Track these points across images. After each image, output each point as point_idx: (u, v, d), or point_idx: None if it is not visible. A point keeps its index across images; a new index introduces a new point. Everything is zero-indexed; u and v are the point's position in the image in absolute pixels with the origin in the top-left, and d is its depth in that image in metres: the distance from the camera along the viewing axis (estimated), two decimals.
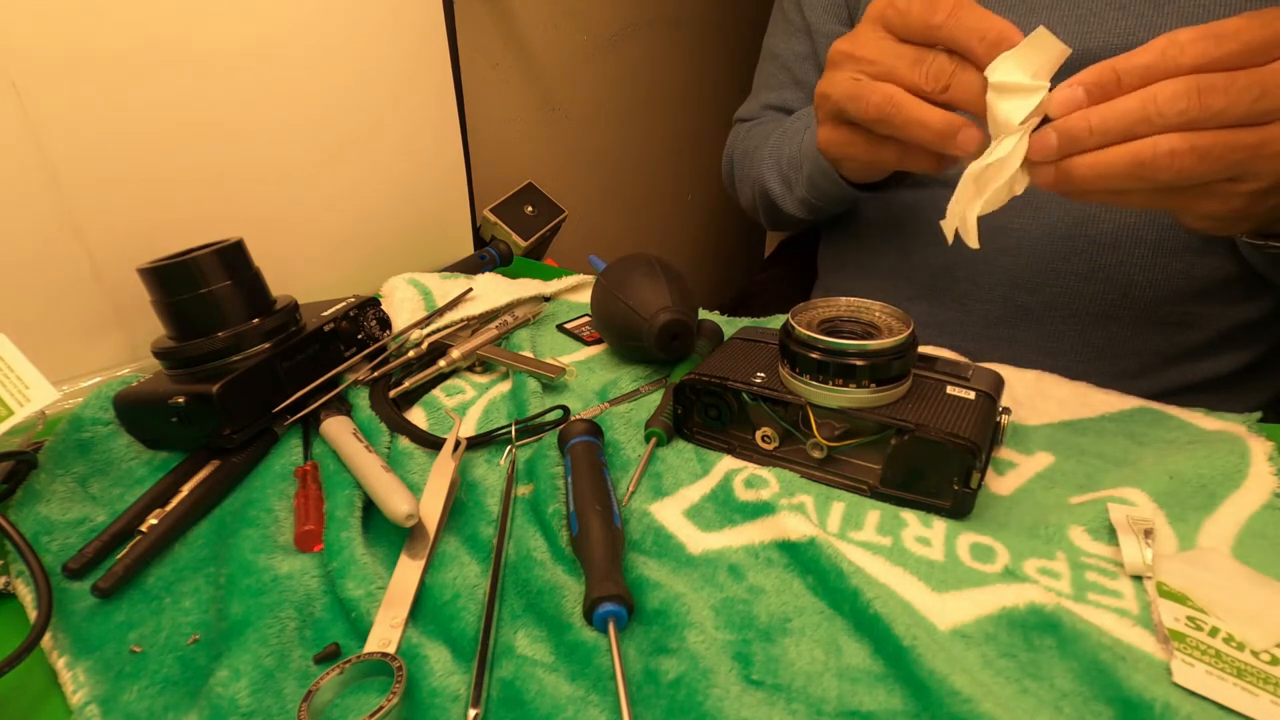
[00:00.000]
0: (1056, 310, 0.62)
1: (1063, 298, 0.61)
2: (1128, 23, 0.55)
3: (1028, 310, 0.63)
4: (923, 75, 0.42)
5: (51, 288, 0.55)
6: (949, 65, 0.41)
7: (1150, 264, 0.58)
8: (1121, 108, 0.37)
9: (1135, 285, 0.59)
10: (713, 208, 1.71)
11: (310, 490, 0.43)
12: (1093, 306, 0.61)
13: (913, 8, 0.42)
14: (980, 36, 0.39)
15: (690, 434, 0.48)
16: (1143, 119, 0.36)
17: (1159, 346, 0.61)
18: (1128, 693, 0.29)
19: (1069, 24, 0.57)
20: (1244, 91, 0.35)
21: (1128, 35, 0.55)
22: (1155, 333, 0.61)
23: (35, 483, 0.43)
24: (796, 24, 0.75)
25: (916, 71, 0.42)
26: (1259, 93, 0.35)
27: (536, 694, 0.31)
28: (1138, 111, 0.36)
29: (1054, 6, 0.58)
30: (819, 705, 0.31)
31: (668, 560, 0.39)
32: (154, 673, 0.34)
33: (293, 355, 0.51)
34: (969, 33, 0.40)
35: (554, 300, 0.71)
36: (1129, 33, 0.55)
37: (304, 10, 0.62)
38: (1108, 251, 0.59)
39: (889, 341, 0.40)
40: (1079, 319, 0.62)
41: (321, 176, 0.67)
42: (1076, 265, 0.60)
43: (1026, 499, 0.42)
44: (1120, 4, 0.55)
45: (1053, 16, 0.58)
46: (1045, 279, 0.61)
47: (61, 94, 0.52)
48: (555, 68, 1.22)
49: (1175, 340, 0.61)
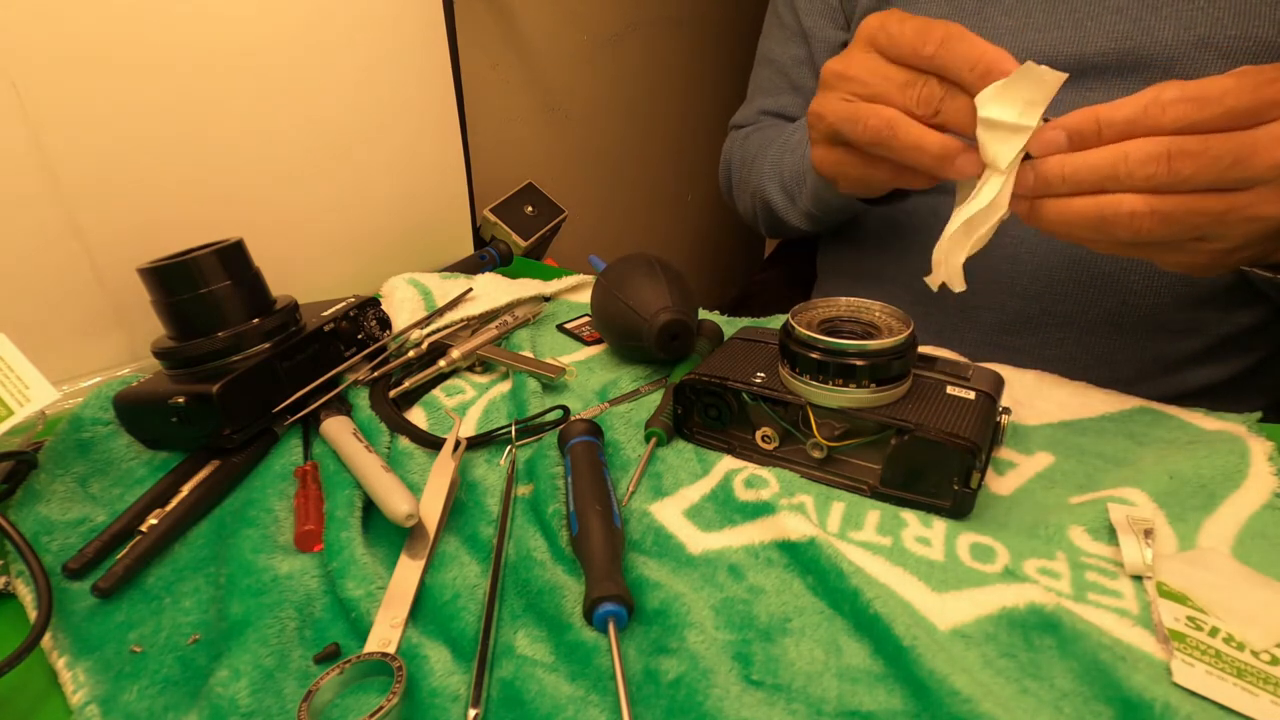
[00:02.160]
0: (1055, 318, 0.62)
1: (1062, 305, 0.61)
2: (1124, 27, 0.55)
3: (1026, 318, 0.63)
4: (914, 100, 0.42)
5: (52, 288, 0.55)
6: (939, 91, 0.41)
7: (1150, 272, 0.58)
8: (1094, 160, 0.37)
9: (1134, 293, 0.59)
10: (713, 208, 1.71)
11: (310, 490, 0.43)
12: (1092, 314, 0.61)
13: (904, 34, 0.42)
14: (970, 66, 0.39)
15: (690, 434, 0.48)
16: (1111, 175, 0.37)
17: (1158, 353, 0.61)
18: (1128, 693, 0.29)
19: (1065, 28, 0.57)
20: (1216, 160, 0.35)
21: (1124, 39, 0.55)
22: (1154, 340, 0.60)
23: (35, 483, 0.43)
24: (792, 28, 0.75)
25: (907, 95, 0.42)
26: (1231, 160, 0.35)
27: (536, 694, 0.31)
28: (1108, 168, 0.37)
29: (1050, 10, 0.57)
30: (819, 705, 0.31)
31: (668, 560, 0.39)
32: (154, 673, 0.34)
33: (293, 355, 0.51)
34: (960, 61, 0.40)
35: (554, 300, 0.71)
36: (1125, 36, 0.55)
37: (304, 10, 0.62)
38: (1107, 260, 0.59)
39: (889, 341, 0.40)
40: (1078, 327, 0.61)
41: (321, 176, 0.67)
42: (1076, 273, 0.60)
43: (1026, 499, 0.42)
44: (1117, 7, 0.55)
45: (1049, 20, 0.57)
46: (1044, 287, 0.61)
47: (62, 94, 0.52)
48: (555, 68, 1.22)
49: (1174, 347, 0.61)
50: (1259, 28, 0.52)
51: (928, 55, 0.41)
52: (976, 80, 0.39)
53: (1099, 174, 0.37)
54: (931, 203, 0.65)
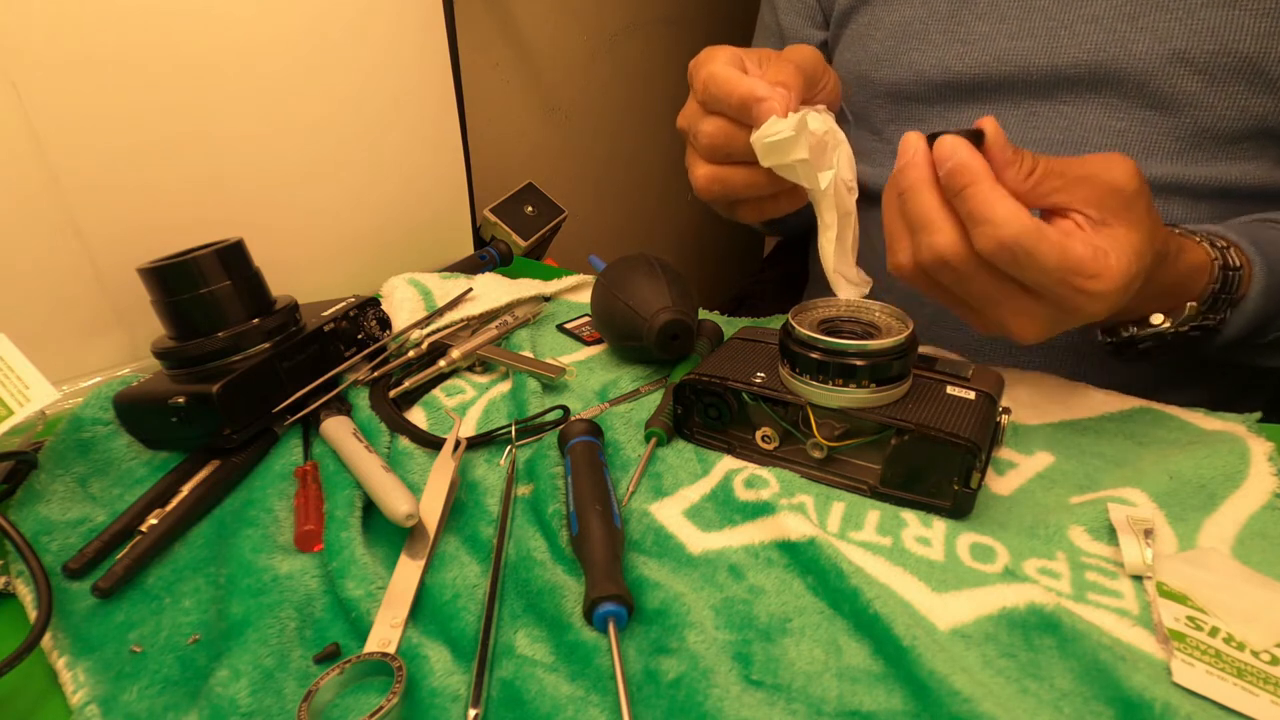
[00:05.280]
0: None
1: None
2: (1099, 37, 0.55)
3: (994, 340, 0.63)
4: (702, 149, 0.47)
5: (52, 288, 0.55)
6: (720, 132, 0.46)
7: None
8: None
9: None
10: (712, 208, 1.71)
11: (310, 490, 0.43)
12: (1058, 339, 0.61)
13: (692, 81, 0.47)
14: (729, 103, 0.44)
15: (690, 434, 0.48)
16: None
17: (1126, 379, 0.61)
18: (1128, 693, 0.29)
19: (1039, 36, 0.57)
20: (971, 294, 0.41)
21: (1097, 51, 0.55)
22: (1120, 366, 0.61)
23: (35, 483, 0.43)
24: (771, 28, 0.75)
25: (698, 142, 0.47)
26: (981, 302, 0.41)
27: (536, 694, 0.31)
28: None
29: (1024, 16, 0.57)
30: (819, 705, 0.31)
31: (668, 560, 0.39)
32: (154, 673, 0.34)
33: (293, 355, 0.51)
34: (721, 101, 0.44)
35: (554, 300, 0.71)
36: (1099, 48, 0.55)
37: (304, 11, 0.62)
38: None
39: (889, 341, 0.40)
40: (1046, 351, 0.61)
41: (322, 177, 0.67)
42: None
43: (1026, 499, 0.42)
44: (1093, 16, 0.55)
45: (1023, 27, 0.57)
46: None
47: (62, 95, 0.52)
48: (555, 68, 1.22)
49: (1141, 372, 0.60)
50: (1238, 42, 0.51)
51: (701, 101, 0.46)
52: (738, 115, 0.44)
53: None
54: None
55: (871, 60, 0.65)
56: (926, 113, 0.63)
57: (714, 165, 0.48)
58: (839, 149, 0.45)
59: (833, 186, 0.44)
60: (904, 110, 0.65)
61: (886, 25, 0.63)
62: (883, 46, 0.64)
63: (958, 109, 0.62)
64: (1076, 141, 0.57)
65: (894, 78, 0.64)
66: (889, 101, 0.65)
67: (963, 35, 0.59)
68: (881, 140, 0.67)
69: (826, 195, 0.44)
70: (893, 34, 0.63)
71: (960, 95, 0.61)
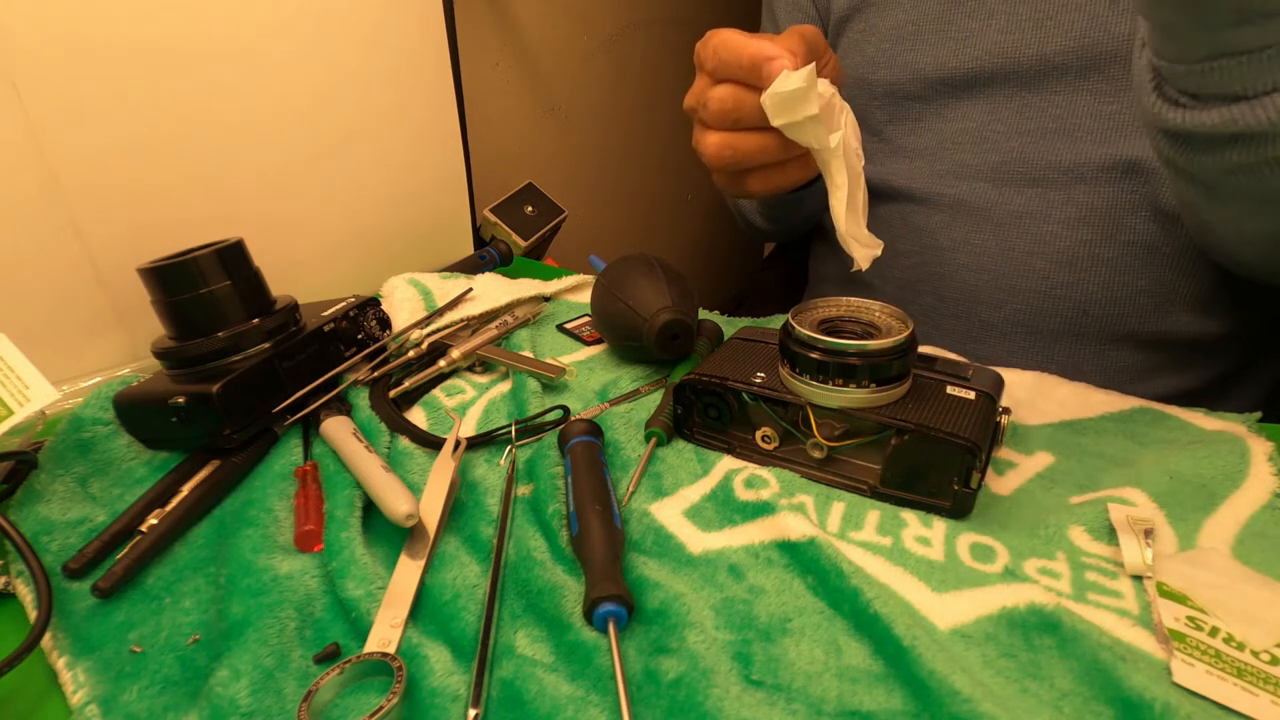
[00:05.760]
0: (1019, 327, 0.62)
1: (1024, 315, 0.61)
2: (1084, 24, 0.55)
3: (991, 326, 0.63)
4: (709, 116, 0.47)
5: (51, 288, 0.55)
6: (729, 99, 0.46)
7: (1109, 282, 0.58)
8: None
9: (1094, 303, 0.59)
10: (712, 208, 1.71)
11: (310, 490, 0.43)
12: (1053, 324, 0.61)
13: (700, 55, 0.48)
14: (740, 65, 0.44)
15: (690, 434, 0.48)
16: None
17: (1122, 364, 0.61)
18: (1128, 693, 0.29)
19: (1025, 27, 0.57)
20: None
21: (1082, 37, 0.55)
22: (1116, 350, 0.61)
23: (35, 483, 0.43)
24: (768, 28, 0.76)
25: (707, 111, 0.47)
26: None
27: (536, 694, 0.31)
28: None
29: (1012, 11, 0.58)
30: (819, 705, 0.31)
31: (668, 560, 0.39)
32: (154, 673, 0.34)
33: (293, 355, 0.51)
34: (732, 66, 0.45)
35: (554, 300, 0.71)
36: (1083, 34, 0.55)
37: (304, 11, 0.62)
38: (1064, 269, 0.59)
39: (889, 341, 0.40)
40: (1041, 336, 0.62)
41: (321, 176, 0.67)
42: (1034, 283, 0.60)
43: (1026, 499, 0.42)
44: (1077, 4, 0.56)
45: (1011, 21, 0.58)
46: (1006, 296, 0.62)
47: (62, 94, 0.52)
48: (555, 68, 1.22)
49: (1137, 357, 0.61)
50: None
51: (710, 70, 0.46)
52: (748, 76, 0.44)
53: None
54: (901, 211, 0.66)
55: (869, 64, 0.66)
56: (924, 111, 0.64)
57: (724, 132, 0.47)
58: (845, 113, 0.45)
59: (842, 146, 0.44)
60: (902, 109, 0.65)
61: (881, 30, 0.65)
62: (879, 50, 0.65)
63: (954, 105, 0.62)
64: (1069, 129, 0.58)
65: (891, 78, 0.65)
66: (888, 101, 0.66)
67: (954, 34, 0.61)
68: (881, 140, 0.68)
69: (836, 155, 0.44)
70: (887, 38, 0.64)
71: (956, 91, 0.62)
